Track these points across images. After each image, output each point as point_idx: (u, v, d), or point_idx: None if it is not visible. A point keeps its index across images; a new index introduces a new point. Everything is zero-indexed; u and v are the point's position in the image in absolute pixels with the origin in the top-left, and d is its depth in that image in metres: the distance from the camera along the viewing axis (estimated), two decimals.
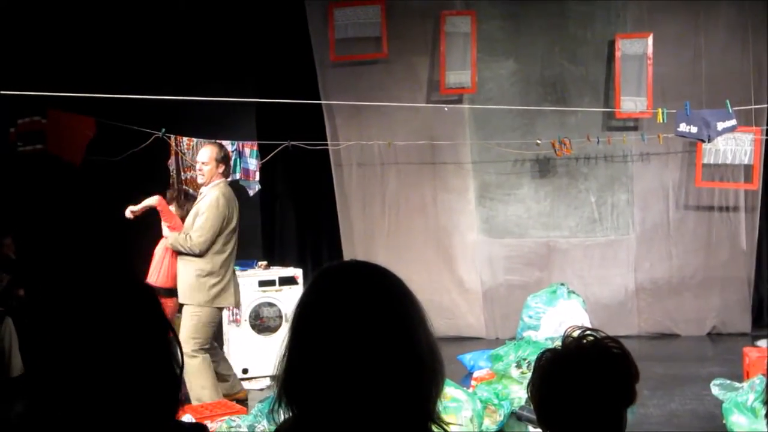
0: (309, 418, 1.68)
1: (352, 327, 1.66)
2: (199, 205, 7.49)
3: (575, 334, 2.30)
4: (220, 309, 7.68)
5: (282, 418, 1.73)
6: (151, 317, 1.75)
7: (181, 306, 7.55)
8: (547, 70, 10.53)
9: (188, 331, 7.34)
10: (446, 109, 10.10)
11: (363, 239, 10.78)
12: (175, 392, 1.76)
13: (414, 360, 1.68)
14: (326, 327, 1.67)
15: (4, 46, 9.22)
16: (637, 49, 10.11)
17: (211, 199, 7.43)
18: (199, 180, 7.58)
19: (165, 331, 1.76)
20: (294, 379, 1.69)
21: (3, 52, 9.15)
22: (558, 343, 2.29)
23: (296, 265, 9.74)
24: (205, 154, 7.55)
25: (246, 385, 8.34)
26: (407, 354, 1.67)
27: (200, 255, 7.35)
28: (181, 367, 1.77)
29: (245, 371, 8.75)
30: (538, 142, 10.17)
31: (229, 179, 9.47)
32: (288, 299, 8.83)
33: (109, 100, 8.26)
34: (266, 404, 6.45)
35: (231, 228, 7.52)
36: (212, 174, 7.52)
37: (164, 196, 7.90)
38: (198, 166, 7.56)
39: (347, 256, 10.30)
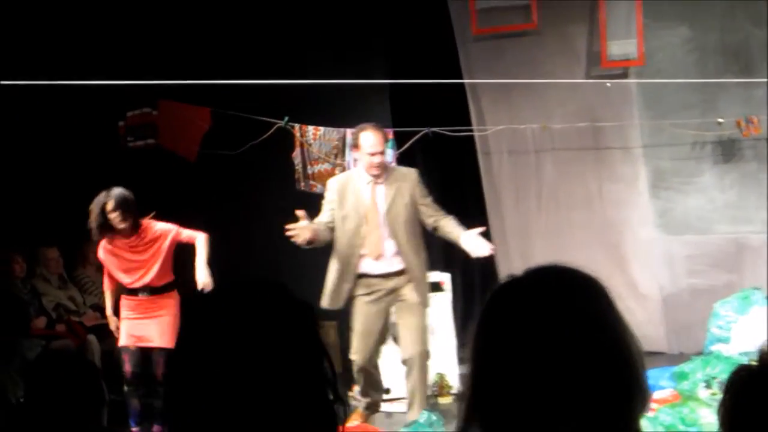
0: None
1: (557, 341, 1.65)
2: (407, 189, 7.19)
3: None
4: None
5: None
6: (309, 341, 1.71)
7: None
8: (728, 36, 9.95)
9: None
10: (609, 84, 9.79)
11: (517, 238, 10.44)
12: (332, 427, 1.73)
13: (623, 375, 1.67)
14: (526, 341, 1.66)
15: (111, 32, 9.28)
16: None
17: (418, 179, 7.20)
18: (374, 172, 7.03)
19: (321, 357, 1.72)
20: (488, 401, 1.69)
21: (109, 39, 9.22)
22: (753, 359, 2.18)
23: (442, 269, 9.46)
24: (377, 140, 7.02)
25: (387, 407, 8.24)
26: (616, 369, 1.66)
27: None
28: (337, 398, 1.73)
29: (387, 391, 8.42)
30: (720, 120, 9.74)
31: None
32: (434, 309, 8.25)
33: (226, 87, 8.33)
34: (414, 428, 6.63)
35: None
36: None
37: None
38: (375, 158, 7.00)
39: (500, 256, 9.90)
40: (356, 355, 7.28)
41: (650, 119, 10.05)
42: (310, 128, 9.34)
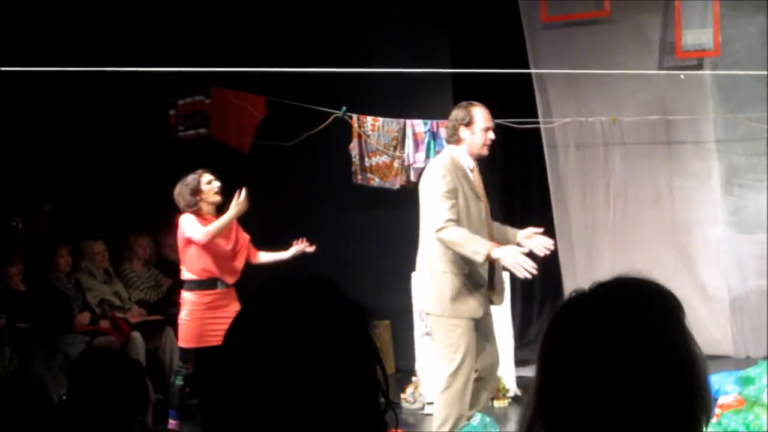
0: None
1: (622, 362, 1.66)
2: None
3: None
4: None
5: None
6: (360, 344, 1.65)
7: None
8: None
9: None
10: (683, 76, 9.69)
11: (583, 235, 10.39)
12: None
13: (687, 398, 1.69)
14: (592, 359, 1.68)
15: (165, 17, 9.27)
16: None
17: None
18: (486, 152, 6.73)
19: (374, 362, 1.67)
20: (553, 414, 1.72)
21: (163, 25, 9.19)
22: None
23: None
24: (489, 114, 6.72)
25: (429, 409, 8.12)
26: (680, 391, 1.68)
27: None
28: (388, 404, 1.68)
29: None
30: None
31: (422, 165, 9.12)
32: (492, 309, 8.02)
33: (281, 75, 8.25)
34: (468, 428, 6.38)
35: None
36: None
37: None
38: (491, 133, 6.67)
39: (564, 255, 9.93)
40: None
41: (725, 113, 9.99)
42: (369, 119, 9.28)
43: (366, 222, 9.61)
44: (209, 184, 7.26)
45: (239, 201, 7.09)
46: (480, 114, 6.62)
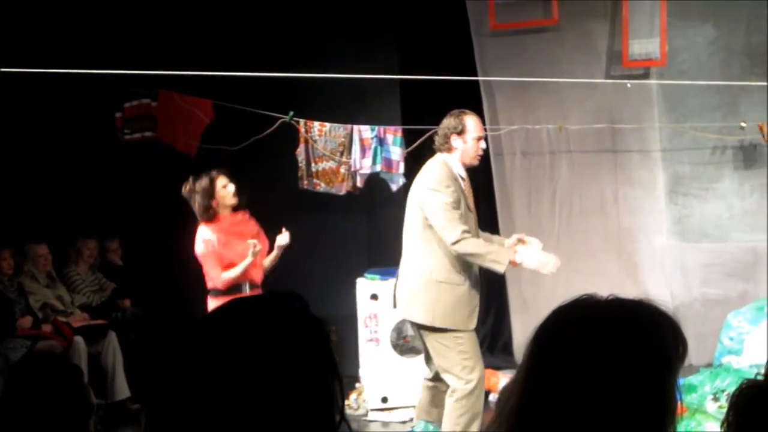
0: None
1: (603, 370, 1.75)
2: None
3: None
4: None
5: None
6: (319, 359, 1.68)
7: None
8: (755, 36, 9.87)
9: None
10: (629, 85, 9.75)
11: None
12: None
13: (661, 402, 1.79)
14: (575, 369, 1.76)
15: (111, 19, 9.21)
16: None
17: None
18: (477, 161, 6.87)
19: (332, 377, 1.70)
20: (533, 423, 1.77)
21: (108, 26, 9.13)
22: (761, 372, 2.22)
23: None
24: (481, 124, 6.86)
25: (385, 416, 8.30)
26: (655, 397, 1.78)
27: None
28: (342, 420, 1.72)
29: (384, 400, 8.57)
30: (743, 125, 9.69)
31: (368, 171, 9.13)
32: None
33: (228, 79, 8.22)
34: None
35: None
36: None
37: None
38: (482, 142, 6.79)
39: None
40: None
41: (670, 122, 10.05)
42: (316, 124, 9.22)
43: (312, 227, 9.48)
44: (225, 188, 7.12)
45: (255, 250, 6.96)
46: (472, 123, 6.70)
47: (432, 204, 6.37)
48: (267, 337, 1.63)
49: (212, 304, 7.06)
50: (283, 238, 7.38)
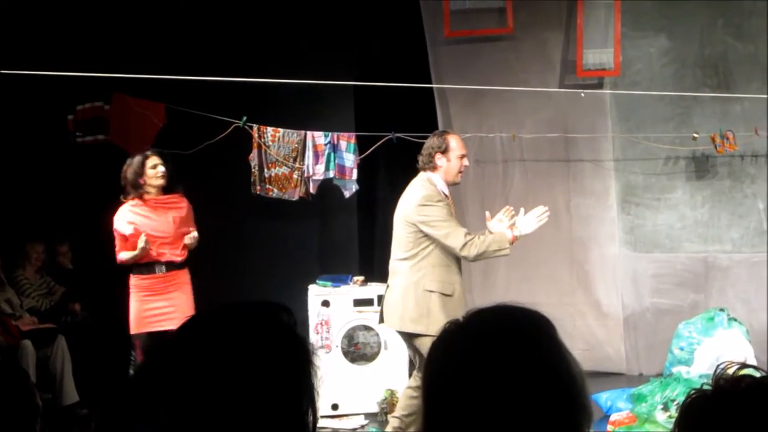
0: None
1: (499, 384, 1.74)
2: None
3: (731, 371, 2.12)
4: None
5: None
6: (295, 381, 1.66)
7: None
8: (708, 49, 9.98)
9: None
10: (583, 95, 9.78)
11: None
12: None
13: (570, 409, 1.77)
14: (472, 382, 1.74)
15: (61, 21, 9.18)
16: None
17: None
18: (460, 179, 7.19)
19: (307, 402, 1.69)
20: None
21: (60, 29, 9.10)
22: (709, 382, 2.13)
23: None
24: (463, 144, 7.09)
25: (335, 423, 8.29)
26: (564, 405, 1.76)
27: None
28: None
29: (335, 407, 8.58)
30: (695, 135, 9.72)
31: (321, 177, 9.16)
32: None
33: (182, 83, 8.20)
34: None
35: None
36: None
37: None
38: (465, 160, 7.08)
39: (462, 269, 9.79)
40: None
41: (624, 132, 10.08)
42: (269, 129, 9.24)
43: (264, 233, 9.55)
44: (154, 168, 7.35)
45: (145, 246, 7.22)
46: (455, 142, 6.97)
47: (429, 217, 6.67)
48: (243, 349, 1.61)
49: (131, 280, 7.42)
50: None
